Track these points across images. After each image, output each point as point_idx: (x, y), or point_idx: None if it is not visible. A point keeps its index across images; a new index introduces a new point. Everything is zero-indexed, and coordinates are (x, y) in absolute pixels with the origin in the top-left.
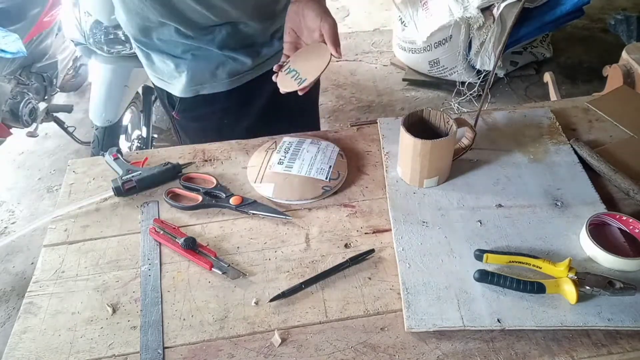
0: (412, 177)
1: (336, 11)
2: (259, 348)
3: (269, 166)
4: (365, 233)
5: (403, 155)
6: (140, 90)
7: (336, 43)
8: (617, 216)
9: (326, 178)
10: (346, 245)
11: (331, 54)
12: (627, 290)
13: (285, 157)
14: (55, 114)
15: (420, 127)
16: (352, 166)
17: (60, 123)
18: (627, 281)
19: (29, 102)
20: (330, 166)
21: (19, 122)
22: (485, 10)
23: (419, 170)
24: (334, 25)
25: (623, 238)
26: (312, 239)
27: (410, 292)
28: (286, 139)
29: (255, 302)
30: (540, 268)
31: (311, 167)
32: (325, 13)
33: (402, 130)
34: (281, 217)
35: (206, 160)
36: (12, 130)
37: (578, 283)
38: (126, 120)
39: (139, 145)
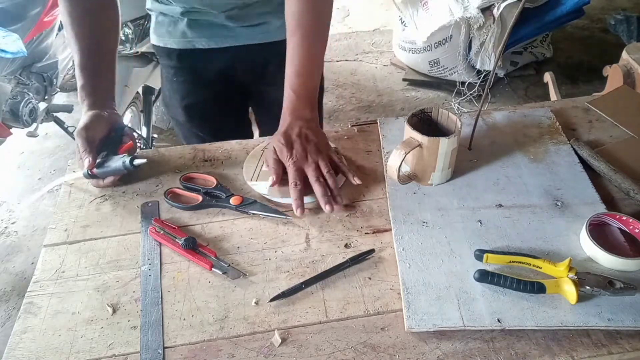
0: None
1: (336, 11)
2: (259, 348)
3: (264, 165)
4: (366, 233)
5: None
6: (140, 90)
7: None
8: (617, 216)
9: None
10: (346, 245)
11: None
12: (627, 290)
13: None
14: (55, 114)
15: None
16: (352, 166)
17: (60, 123)
18: (627, 281)
19: (29, 102)
20: None
21: (19, 122)
22: (486, 10)
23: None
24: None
25: (623, 238)
26: (312, 239)
27: (410, 292)
28: None
29: (255, 302)
30: (541, 268)
31: None
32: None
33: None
34: (281, 217)
35: (206, 160)
36: (12, 130)
37: (578, 283)
38: (126, 120)
39: (139, 145)
